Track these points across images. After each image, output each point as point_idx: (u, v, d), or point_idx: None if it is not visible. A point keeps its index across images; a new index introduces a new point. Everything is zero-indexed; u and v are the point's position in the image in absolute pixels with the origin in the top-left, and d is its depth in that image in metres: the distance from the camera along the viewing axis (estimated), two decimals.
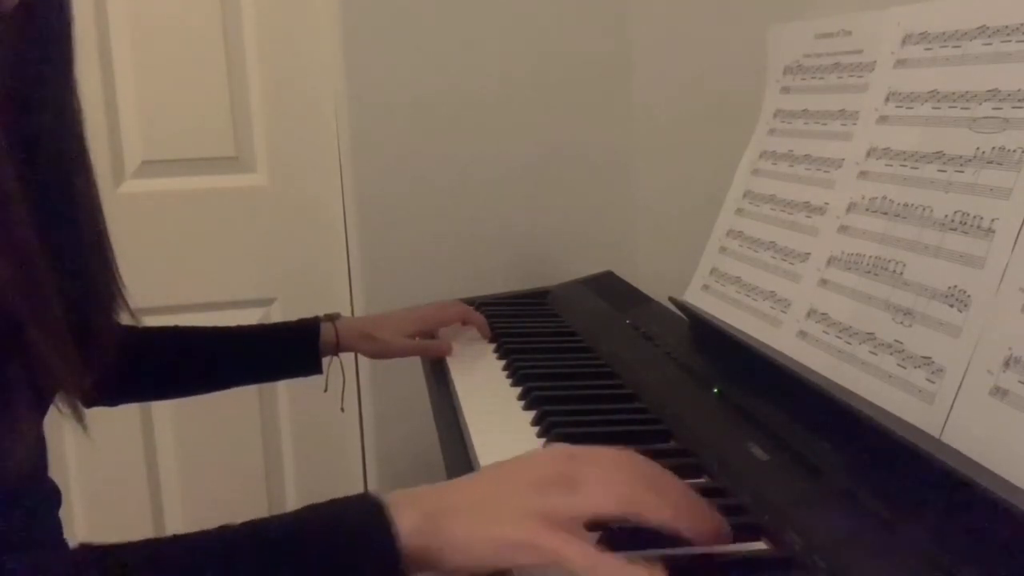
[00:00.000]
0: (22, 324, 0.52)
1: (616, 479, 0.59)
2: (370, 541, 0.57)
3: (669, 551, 0.60)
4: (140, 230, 1.45)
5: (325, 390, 1.16)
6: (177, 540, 0.56)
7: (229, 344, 1.08)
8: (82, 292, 0.67)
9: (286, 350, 1.10)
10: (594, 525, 0.61)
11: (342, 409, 1.23)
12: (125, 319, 0.79)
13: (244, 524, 0.57)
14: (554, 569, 0.57)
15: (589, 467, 0.60)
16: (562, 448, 0.63)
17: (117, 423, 1.58)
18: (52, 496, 0.61)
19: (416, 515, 0.58)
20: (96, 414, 0.67)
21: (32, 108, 0.65)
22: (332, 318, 1.13)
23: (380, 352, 1.14)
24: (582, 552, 0.57)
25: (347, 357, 1.16)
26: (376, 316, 1.23)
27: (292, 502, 1.68)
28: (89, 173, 0.71)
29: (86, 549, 0.56)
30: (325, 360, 1.12)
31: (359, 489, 1.67)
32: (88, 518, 1.59)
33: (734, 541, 0.61)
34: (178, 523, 1.64)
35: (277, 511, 0.60)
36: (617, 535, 0.61)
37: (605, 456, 0.62)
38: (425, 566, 0.59)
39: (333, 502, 0.59)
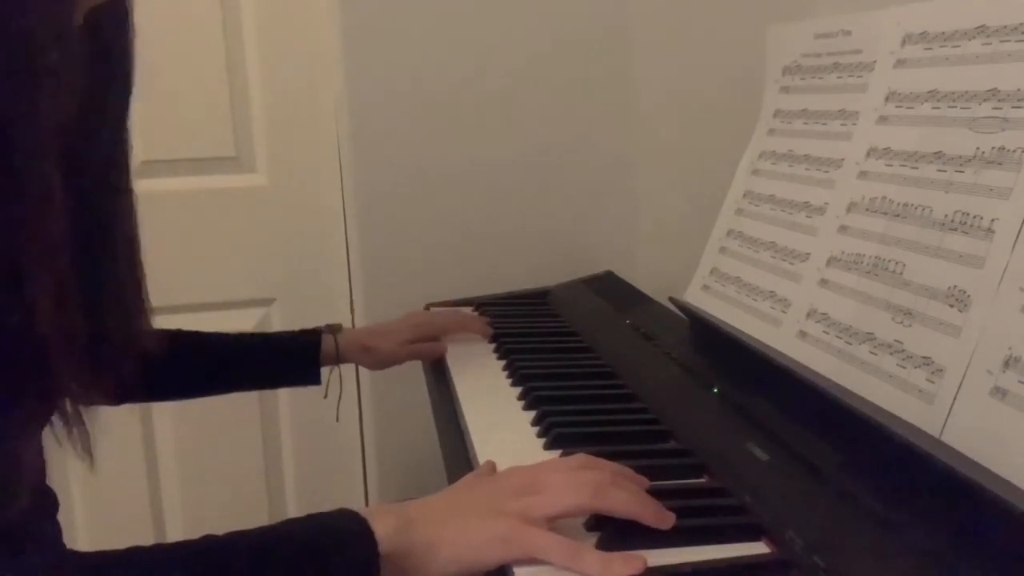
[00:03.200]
0: (48, 346, 0.52)
1: (578, 479, 0.64)
2: (349, 543, 0.58)
3: (664, 550, 0.60)
4: (140, 230, 1.45)
5: (325, 396, 1.17)
6: (159, 549, 0.56)
7: (230, 350, 1.08)
8: (109, 307, 0.67)
9: (287, 360, 1.11)
10: (592, 527, 0.63)
11: (337, 419, 1.23)
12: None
13: (228, 534, 0.58)
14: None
15: (551, 474, 0.65)
16: (521, 466, 0.68)
17: (117, 425, 1.57)
18: (51, 502, 0.61)
19: (393, 520, 0.60)
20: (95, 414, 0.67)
21: (94, 126, 0.65)
22: (334, 330, 1.13)
23: (378, 363, 1.16)
24: (562, 544, 0.59)
25: (347, 364, 1.17)
26: (375, 326, 1.23)
27: (292, 505, 1.68)
28: (130, 188, 0.71)
29: (67, 556, 0.56)
30: (325, 369, 1.13)
31: (359, 493, 1.67)
32: (88, 520, 1.59)
33: (734, 541, 0.62)
34: (178, 526, 1.64)
35: (277, 515, 0.61)
36: (612, 536, 0.61)
37: (563, 463, 0.68)
38: (406, 572, 0.59)
39: (311, 515, 0.61)
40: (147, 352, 0.74)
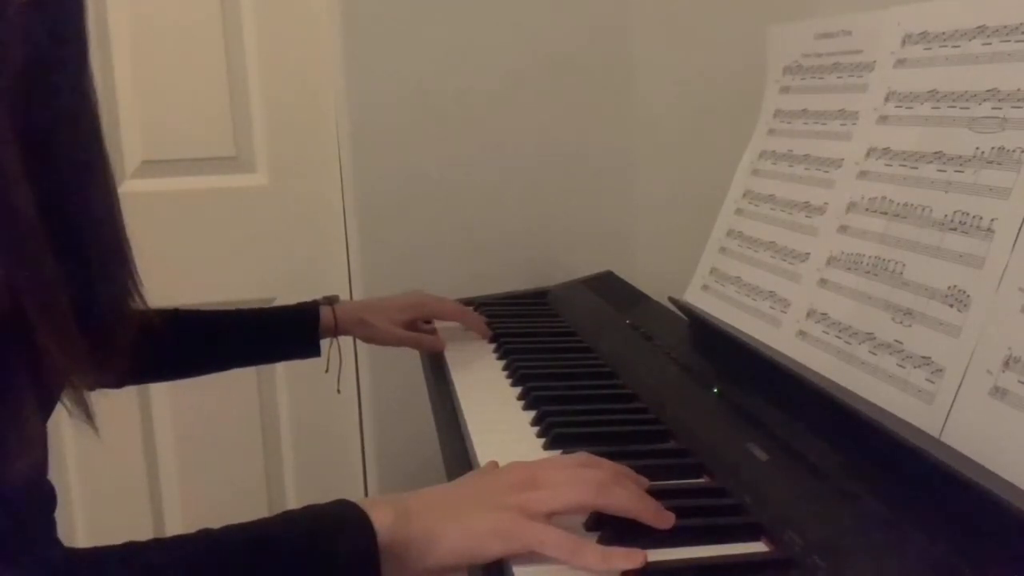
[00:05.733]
0: (28, 321, 0.52)
1: (579, 476, 0.64)
2: (348, 534, 0.58)
3: (666, 551, 0.60)
4: (139, 230, 1.44)
5: (326, 370, 1.18)
6: (158, 544, 0.56)
7: (230, 326, 1.09)
8: (96, 288, 0.67)
9: (286, 334, 1.11)
10: (592, 527, 0.63)
11: (338, 391, 1.24)
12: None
13: (224, 527, 0.58)
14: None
15: (552, 471, 0.65)
16: (523, 461, 0.68)
17: (117, 423, 1.58)
18: (49, 497, 0.60)
19: (392, 512, 0.60)
20: (96, 414, 0.67)
21: (47, 102, 0.64)
22: (331, 301, 1.15)
23: (373, 338, 1.16)
24: (562, 538, 0.59)
25: (347, 347, 1.17)
26: (372, 300, 1.24)
27: (292, 502, 1.68)
28: (106, 166, 0.70)
29: (63, 553, 0.56)
30: (324, 342, 1.13)
31: (359, 489, 1.67)
32: (88, 518, 1.59)
33: (734, 541, 0.62)
34: (178, 523, 1.64)
35: (277, 511, 0.61)
36: (612, 535, 0.61)
37: (564, 460, 0.68)
38: (404, 563, 0.59)
39: (309, 506, 0.60)
40: (142, 329, 0.73)
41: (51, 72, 0.63)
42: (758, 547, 0.61)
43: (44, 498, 0.59)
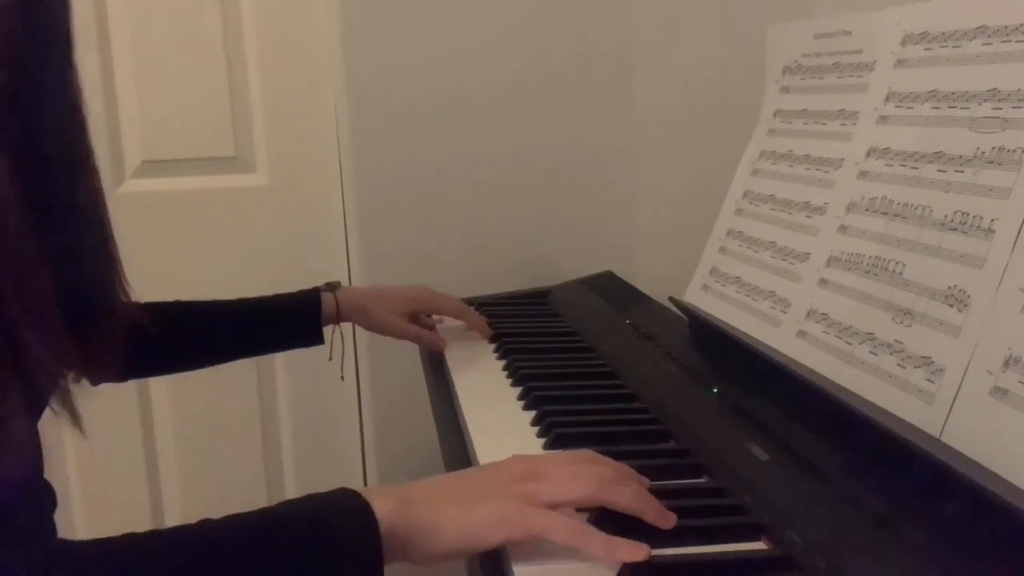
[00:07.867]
0: (14, 322, 0.52)
1: (582, 471, 0.64)
2: (350, 521, 0.58)
3: (667, 551, 0.60)
4: (140, 230, 1.44)
5: (330, 358, 1.18)
6: (157, 535, 0.56)
7: (232, 316, 1.09)
8: (81, 285, 0.67)
9: (289, 322, 1.11)
10: (593, 523, 0.62)
11: (342, 378, 1.24)
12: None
13: (225, 516, 0.58)
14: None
15: (555, 465, 0.65)
16: (525, 455, 0.68)
17: (117, 423, 1.58)
18: (47, 497, 0.60)
19: (393, 500, 0.60)
20: (95, 414, 0.67)
21: (32, 100, 0.64)
22: (332, 287, 1.14)
23: (373, 326, 1.16)
24: (567, 525, 0.59)
25: (346, 339, 1.17)
26: (374, 289, 1.24)
27: (292, 495, 1.68)
28: (92, 164, 0.70)
29: (62, 546, 0.56)
30: (326, 330, 1.13)
31: (359, 482, 1.67)
32: (88, 518, 1.59)
33: (734, 541, 0.62)
34: (178, 517, 1.62)
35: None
36: (613, 534, 0.61)
37: (568, 456, 0.68)
38: (406, 551, 0.59)
39: (310, 495, 0.60)
40: (142, 323, 0.73)
41: (36, 70, 0.63)
42: (758, 547, 0.61)
43: (39, 499, 0.59)
